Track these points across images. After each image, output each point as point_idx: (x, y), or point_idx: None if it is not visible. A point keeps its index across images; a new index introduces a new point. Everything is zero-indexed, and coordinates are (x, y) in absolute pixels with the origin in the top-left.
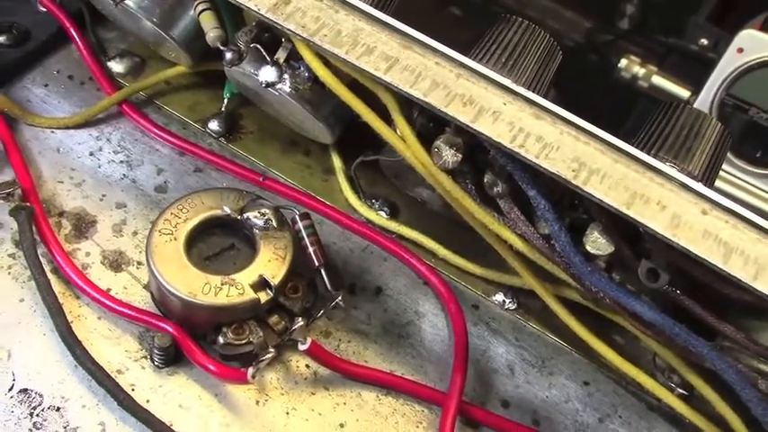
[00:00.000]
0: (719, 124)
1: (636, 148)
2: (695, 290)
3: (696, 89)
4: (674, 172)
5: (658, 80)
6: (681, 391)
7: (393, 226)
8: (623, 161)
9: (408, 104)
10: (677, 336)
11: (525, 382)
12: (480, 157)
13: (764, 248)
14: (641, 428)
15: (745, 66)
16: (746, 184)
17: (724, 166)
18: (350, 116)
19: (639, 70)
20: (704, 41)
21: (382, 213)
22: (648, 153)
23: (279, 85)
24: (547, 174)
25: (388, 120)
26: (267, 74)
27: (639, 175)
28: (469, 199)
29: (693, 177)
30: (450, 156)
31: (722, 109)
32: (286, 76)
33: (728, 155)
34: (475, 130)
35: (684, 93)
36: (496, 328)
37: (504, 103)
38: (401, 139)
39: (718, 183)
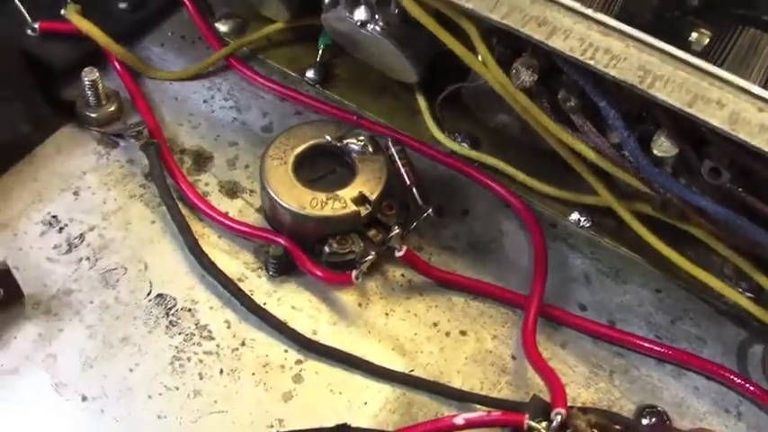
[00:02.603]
0: None
1: None
2: (757, 190)
3: None
4: (732, 76)
5: None
6: (749, 294)
7: (475, 155)
8: (685, 69)
9: (488, 34)
10: (740, 227)
11: (601, 289)
12: (554, 78)
13: None
14: (711, 329)
15: None
16: None
17: None
18: (433, 56)
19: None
20: None
21: (465, 145)
22: None
23: (370, 25)
24: (615, 81)
25: (470, 49)
26: (360, 14)
27: (700, 79)
28: (545, 115)
29: None
30: (527, 76)
31: None
32: (377, 15)
33: None
34: (549, 46)
35: None
36: (573, 244)
37: (575, 23)
38: (483, 64)
39: None
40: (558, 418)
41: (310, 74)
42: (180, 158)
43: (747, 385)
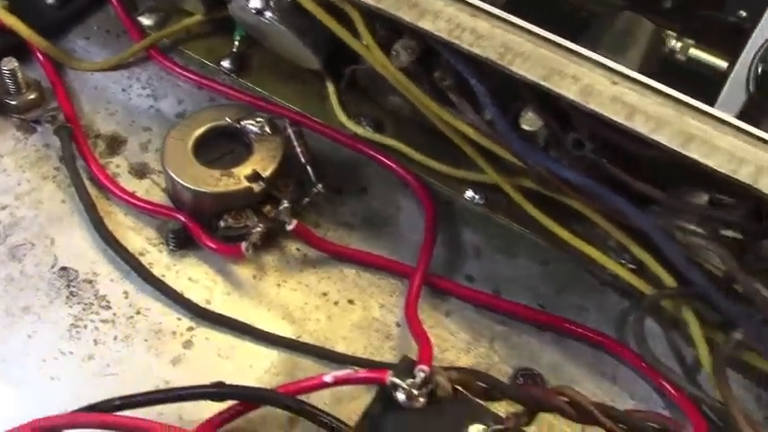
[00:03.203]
0: (652, 26)
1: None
2: (619, 161)
3: (734, 60)
4: (588, 52)
5: (695, 53)
6: (631, 266)
7: (377, 137)
8: (546, 46)
9: (371, 19)
10: (602, 196)
11: (490, 261)
12: (433, 60)
13: (666, 110)
14: (594, 298)
15: None
16: None
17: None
18: (333, 42)
19: (676, 44)
20: (743, 13)
21: (368, 128)
22: None
23: (267, 13)
24: (479, 59)
25: (357, 35)
26: (256, 2)
27: (559, 56)
28: (425, 95)
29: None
30: (405, 56)
31: (759, 78)
32: (272, 3)
33: None
34: (418, 26)
35: (722, 64)
36: (467, 220)
37: (446, 6)
38: (366, 47)
39: None
40: (421, 374)
41: (226, 63)
42: (94, 142)
43: (623, 350)
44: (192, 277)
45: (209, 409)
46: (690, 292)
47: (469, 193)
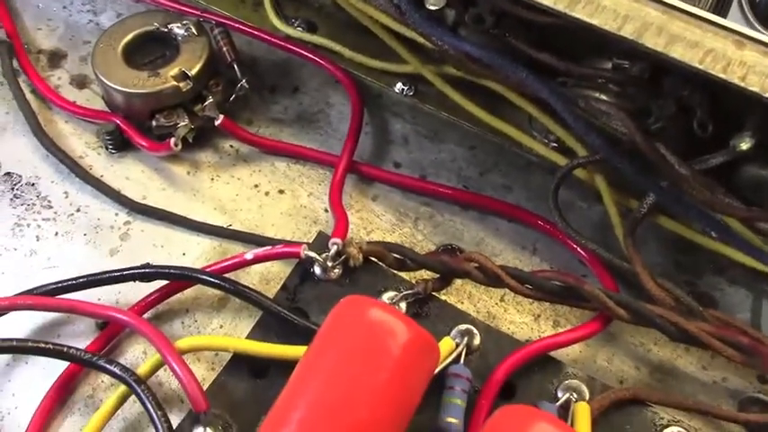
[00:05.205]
0: None
1: None
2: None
3: None
4: None
5: None
6: (554, 144)
7: (307, 37)
8: None
9: None
10: (501, 66)
11: (417, 148)
12: None
13: None
14: (518, 178)
15: None
16: None
17: None
18: None
19: None
20: None
21: (299, 29)
22: None
23: None
24: None
25: None
26: None
27: None
28: None
29: None
30: None
31: None
32: None
33: None
34: None
35: None
36: (396, 111)
37: None
38: None
39: None
40: (334, 247)
41: None
42: (36, 57)
43: (540, 222)
44: (130, 176)
45: (143, 293)
46: (596, 159)
47: (399, 86)
